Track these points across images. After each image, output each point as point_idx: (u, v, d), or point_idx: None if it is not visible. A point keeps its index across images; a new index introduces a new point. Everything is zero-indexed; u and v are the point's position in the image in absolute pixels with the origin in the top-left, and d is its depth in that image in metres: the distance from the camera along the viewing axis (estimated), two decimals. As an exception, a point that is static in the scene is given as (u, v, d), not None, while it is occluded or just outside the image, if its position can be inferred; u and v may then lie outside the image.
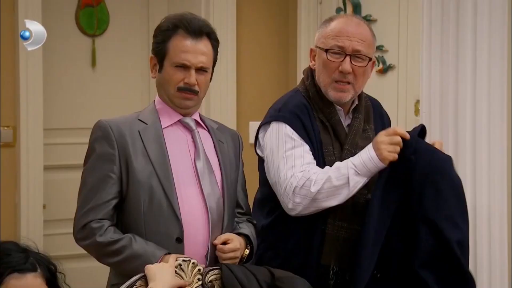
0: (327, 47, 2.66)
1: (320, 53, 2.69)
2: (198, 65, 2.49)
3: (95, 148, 2.49)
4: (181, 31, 2.50)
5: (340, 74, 2.65)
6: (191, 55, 2.48)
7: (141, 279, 2.30)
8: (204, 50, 2.51)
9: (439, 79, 3.07)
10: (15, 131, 4.20)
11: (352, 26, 2.67)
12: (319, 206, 2.59)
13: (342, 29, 2.66)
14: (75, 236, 2.48)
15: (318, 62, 2.71)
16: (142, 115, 2.56)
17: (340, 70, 2.65)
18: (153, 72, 2.57)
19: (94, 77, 4.73)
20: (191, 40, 2.49)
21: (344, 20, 2.72)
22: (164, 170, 2.47)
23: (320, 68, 2.70)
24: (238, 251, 2.50)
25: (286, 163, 2.60)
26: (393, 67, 4.15)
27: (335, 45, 2.65)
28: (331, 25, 2.68)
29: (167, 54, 2.50)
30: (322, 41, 2.68)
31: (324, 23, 2.73)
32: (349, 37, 2.65)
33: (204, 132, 2.60)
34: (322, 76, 2.69)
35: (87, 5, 4.68)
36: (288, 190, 2.58)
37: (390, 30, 4.21)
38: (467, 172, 2.98)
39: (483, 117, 2.99)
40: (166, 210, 2.45)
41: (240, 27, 4.67)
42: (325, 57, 2.66)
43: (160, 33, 2.54)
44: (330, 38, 2.66)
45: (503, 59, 3.00)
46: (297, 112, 2.67)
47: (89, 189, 2.47)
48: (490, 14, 2.97)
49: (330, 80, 2.67)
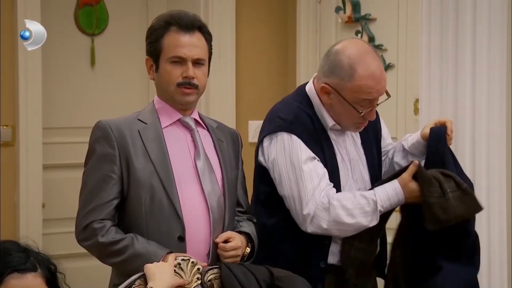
0: (355, 101, 2.61)
1: (344, 103, 2.63)
2: (194, 57, 2.50)
3: (95, 149, 2.49)
4: (174, 27, 2.51)
5: (363, 119, 2.67)
6: (186, 49, 2.49)
7: (140, 278, 2.30)
8: (198, 43, 2.52)
9: (438, 78, 3.07)
10: (14, 130, 4.20)
11: (378, 76, 2.61)
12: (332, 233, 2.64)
13: (371, 85, 2.59)
14: (77, 237, 2.48)
15: (339, 106, 2.65)
16: (141, 115, 2.56)
17: (366, 118, 2.66)
18: (151, 74, 2.58)
19: (93, 76, 4.73)
20: (184, 35, 2.51)
21: (371, 71, 2.60)
22: (165, 170, 2.47)
23: (342, 113, 2.66)
24: (240, 249, 2.51)
25: (303, 180, 2.60)
26: (393, 66, 4.15)
27: (366, 100, 2.61)
28: (357, 79, 2.59)
29: (162, 52, 2.51)
30: (349, 94, 2.61)
31: (343, 69, 2.60)
32: (378, 89, 2.62)
33: (203, 131, 2.60)
34: (343, 118, 2.68)
35: (86, 4, 4.67)
36: (306, 215, 2.60)
37: (389, 29, 4.21)
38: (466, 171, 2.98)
39: (482, 116, 2.99)
40: (168, 209, 2.45)
41: (239, 27, 4.67)
42: (352, 110, 2.62)
43: (152, 33, 2.55)
44: (359, 93, 2.60)
45: (503, 57, 3.00)
46: (308, 126, 2.67)
47: (90, 190, 2.47)
48: (490, 13, 2.97)
49: (352, 124, 2.69)
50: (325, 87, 2.66)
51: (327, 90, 2.66)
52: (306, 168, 2.61)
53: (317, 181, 2.61)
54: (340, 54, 2.63)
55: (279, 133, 2.66)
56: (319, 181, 2.61)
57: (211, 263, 2.47)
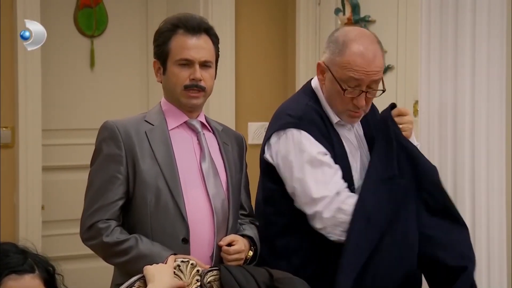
0: (342, 78, 2.58)
1: (333, 81, 2.61)
2: (202, 59, 2.51)
3: (102, 149, 2.50)
4: (181, 30, 2.52)
5: (354, 106, 2.63)
6: (193, 51, 2.50)
7: (140, 279, 2.30)
8: (204, 46, 2.53)
9: (437, 79, 3.07)
10: (13, 132, 4.20)
11: (370, 58, 2.56)
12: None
13: (359, 63, 2.55)
14: (81, 236, 2.49)
15: (329, 85, 2.64)
16: (148, 116, 2.58)
17: (355, 103, 2.61)
18: (158, 76, 2.59)
19: (93, 78, 4.73)
20: (191, 37, 2.52)
21: (362, 50, 2.56)
22: (171, 171, 2.48)
23: (332, 94, 2.64)
24: (243, 253, 2.52)
25: (314, 175, 2.57)
26: (392, 68, 4.14)
27: (352, 78, 2.56)
28: (346, 54, 2.57)
29: (170, 54, 2.52)
30: (337, 70, 2.59)
31: (337, 44, 2.60)
32: (367, 71, 2.56)
33: (209, 134, 2.61)
34: (334, 102, 2.65)
35: (86, 6, 4.68)
36: (316, 212, 2.56)
37: (389, 31, 4.21)
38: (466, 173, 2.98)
39: (482, 118, 2.99)
40: (172, 211, 2.46)
41: (239, 28, 4.67)
42: (339, 89, 2.59)
43: (160, 36, 2.56)
44: (346, 69, 2.56)
45: (502, 60, 3.00)
46: (317, 122, 2.64)
47: (96, 190, 2.47)
48: (489, 15, 2.97)
49: (343, 109, 2.65)
50: (319, 65, 2.65)
51: (321, 68, 2.65)
52: (317, 163, 2.58)
53: (329, 177, 2.57)
54: (339, 32, 2.65)
55: (288, 129, 2.62)
56: (331, 177, 2.58)
57: (214, 266, 2.47)
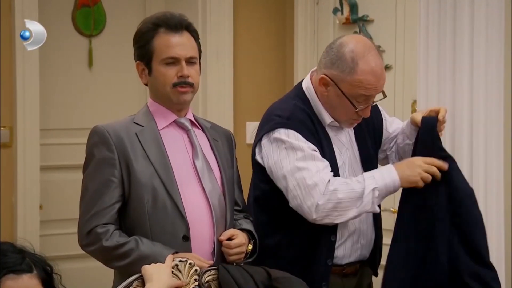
0: (352, 95, 2.62)
1: (342, 96, 2.64)
2: (187, 55, 2.52)
3: (94, 154, 2.49)
4: (162, 28, 2.53)
5: (358, 115, 2.67)
6: (178, 48, 2.51)
7: (138, 279, 2.30)
8: (188, 42, 2.55)
9: (436, 79, 3.07)
10: (11, 131, 4.20)
11: (379, 74, 2.62)
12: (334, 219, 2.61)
13: (371, 81, 2.60)
14: (80, 242, 2.48)
15: (336, 100, 2.66)
16: (137, 118, 2.58)
17: (360, 114, 2.67)
18: (143, 78, 2.60)
19: (91, 78, 4.73)
20: (174, 35, 2.53)
21: (372, 67, 2.61)
22: (165, 170, 2.48)
23: (337, 106, 2.67)
24: (244, 246, 2.54)
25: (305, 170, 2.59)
26: (390, 68, 4.15)
27: (363, 95, 2.62)
28: (358, 73, 2.59)
29: (154, 54, 2.53)
30: (347, 87, 2.62)
31: (345, 61, 2.61)
32: (376, 87, 2.63)
33: (199, 131, 2.62)
34: (338, 113, 2.69)
35: (84, 5, 4.68)
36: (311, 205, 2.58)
37: (387, 30, 4.21)
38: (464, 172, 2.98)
39: (480, 117, 2.99)
40: (171, 209, 2.46)
41: (237, 28, 4.67)
42: (348, 104, 2.63)
43: (141, 36, 2.57)
44: (358, 88, 2.60)
45: (500, 59, 3.00)
46: (305, 121, 2.67)
47: (92, 195, 2.47)
48: (487, 14, 2.96)
49: (346, 118, 2.70)
50: (324, 78, 2.65)
51: (325, 82, 2.65)
52: (308, 158, 2.60)
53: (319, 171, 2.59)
54: (343, 47, 2.63)
55: (277, 129, 2.65)
56: (321, 171, 2.60)
57: (216, 261, 2.49)
